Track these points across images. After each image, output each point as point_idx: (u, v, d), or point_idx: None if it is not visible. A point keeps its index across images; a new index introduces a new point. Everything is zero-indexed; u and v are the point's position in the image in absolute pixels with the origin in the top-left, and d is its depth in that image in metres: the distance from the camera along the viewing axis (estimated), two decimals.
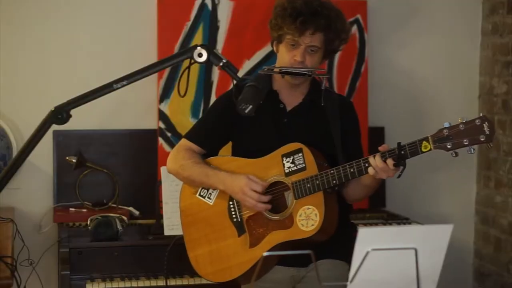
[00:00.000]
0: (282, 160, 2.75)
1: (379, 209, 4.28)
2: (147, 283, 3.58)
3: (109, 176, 4.03)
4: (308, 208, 2.70)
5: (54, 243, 3.84)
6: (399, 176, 2.62)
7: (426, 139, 2.57)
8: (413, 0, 4.45)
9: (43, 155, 4.00)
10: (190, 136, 2.96)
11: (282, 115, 2.85)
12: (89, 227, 3.64)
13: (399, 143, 2.60)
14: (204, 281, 3.02)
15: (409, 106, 4.48)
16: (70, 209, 3.98)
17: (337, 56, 4.24)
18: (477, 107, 4.54)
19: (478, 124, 2.52)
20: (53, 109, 2.29)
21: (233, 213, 2.84)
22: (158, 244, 3.65)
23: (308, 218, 2.69)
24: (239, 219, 2.83)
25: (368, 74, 4.33)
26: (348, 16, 4.22)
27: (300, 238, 2.69)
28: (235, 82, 2.75)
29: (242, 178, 2.76)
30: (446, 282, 2.73)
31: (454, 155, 2.56)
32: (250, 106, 2.55)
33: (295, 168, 2.73)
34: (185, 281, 3.58)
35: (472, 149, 2.54)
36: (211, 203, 2.88)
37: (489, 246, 4.45)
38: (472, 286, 4.59)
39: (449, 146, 2.55)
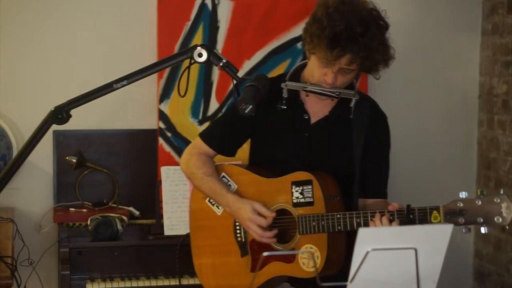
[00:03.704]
0: (292, 188, 2.64)
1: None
2: (147, 283, 3.58)
3: (109, 176, 4.03)
4: (311, 248, 2.60)
5: (54, 243, 3.84)
6: None
7: (437, 209, 2.45)
8: (413, 0, 4.45)
9: (43, 155, 4.00)
10: (206, 137, 2.85)
11: (304, 128, 2.73)
12: (89, 227, 3.65)
13: (408, 206, 2.48)
14: None
15: (409, 106, 4.48)
16: (70, 209, 3.98)
17: None
18: (477, 107, 4.55)
19: (496, 202, 2.35)
20: (53, 109, 2.28)
21: (238, 232, 2.77)
22: (158, 244, 3.65)
23: (310, 258, 2.60)
24: (243, 240, 2.75)
25: (367, 75, 4.32)
26: None
27: (300, 277, 2.62)
28: (235, 82, 2.73)
29: (247, 209, 2.65)
30: (446, 282, 2.74)
31: (465, 231, 2.40)
32: (250, 106, 2.53)
33: (303, 200, 2.62)
34: (187, 281, 3.58)
35: (485, 229, 2.36)
36: (219, 213, 2.79)
37: (489, 246, 4.45)
38: (472, 286, 4.60)
39: (460, 222, 2.39)
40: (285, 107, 2.72)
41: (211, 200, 2.82)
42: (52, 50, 4.08)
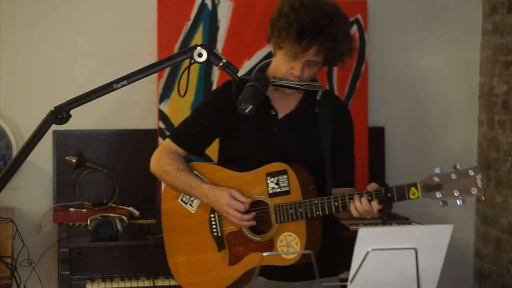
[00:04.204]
0: (266, 179, 2.68)
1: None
2: (147, 283, 3.58)
3: (109, 176, 4.03)
4: (290, 235, 2.64)
5: (54, 243, 3.84)
6: (384, 218, 2.57)
7: (415, 185, 2.51)
8: (413, 0, 4.45)
9: (43, 155, 4.00)
10: (175, 138, 2.88)
11: (272, 123, 2.78)
12: (89, 227, 3.65)
13: (386, 185, 2.55)
14: None
15: (409, 106, 4.48)
16: (70, 209, 3.98)
17: None
18: (477, 107, 4.55)
19: (471, 175, 2.44)
20: (53, 109, 2.28)
21: (213, 227, 2.79)
22: (158, 244, 3.65)
23: (288, 245, 2.64)
24: (219, 234, 2.78)
25: (368, 74, 4.33)
26: (348, 16, 4.23)
27: (279, 265, 2.64)
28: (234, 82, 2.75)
29: (224, 195, 2.69)
30: (446, 282, 2.74)
31: (442, 204, 2.49)
32: (250, 106, 2.55)
33: (279, 190, 2.66)
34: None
35: (461, 201, 2.45)
36: (192, 211, 2.81)
37: (489, 246, 4.45)
38: (472, 286, 4.60)
39: (438, 196, 2.47)
40: None
41: (184, 199, 2.84)
42: (52, 50, 4.08)
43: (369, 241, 2.02)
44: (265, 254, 2.64)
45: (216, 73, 4.13)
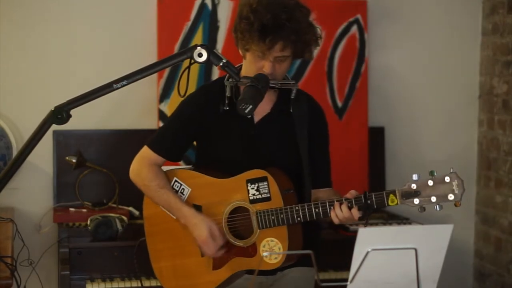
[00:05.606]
0: (247, 186, 2.70)
1: (379, 209, 4.27)
2: (147, 283, 3.58)
3: (109, 176, 4.03)
4: (272, 241, 2.67)
5: (54, 243, 3.84)
6: (365, 225, 2.57)
7: (394, 192, 2.53)
8: (413, 0, 4.45)
9: (43, 155, 4.00)
10: (153, 146, 2.88)
11: (249, 127, 2.79)
12: (89, 227, 3.65)
13: (365, 192, 2.57)
14: None
15: (409, 106, 4.48)
16: (70, 209, 3.98)
17: (337, 56, 4.25)
18: (477, 107, 4.55)
19: (447, 181, 2.48)
20: (53, 109, 2.28)
21: None
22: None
23: (271, 250, 2.67)
24: None
25: (368, 74, 4.33)
26: (348, 16, 4.25)
27: (263, 269, 2.67)
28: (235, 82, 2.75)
29: (203, 229, 2.70)
30: (446, 282, 2.74)
31: (420, 210, 2.53)
32: (250, 106, 2.55)
33: (259, 196, 2.69)
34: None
35: (439, 207, 2.50)
36: (175, 217, 2.83)
37: (489, 246, 4.45)
38: (473, 286, 4.59)
39: (416, 202, 2.51)
40: (227, 108, 2.77)
41: None
42: (52, 50, 4.08)
43: (369, 241, 2.02)
44: (265, 254, 2.65)
45: (216, 73, 4.13)
